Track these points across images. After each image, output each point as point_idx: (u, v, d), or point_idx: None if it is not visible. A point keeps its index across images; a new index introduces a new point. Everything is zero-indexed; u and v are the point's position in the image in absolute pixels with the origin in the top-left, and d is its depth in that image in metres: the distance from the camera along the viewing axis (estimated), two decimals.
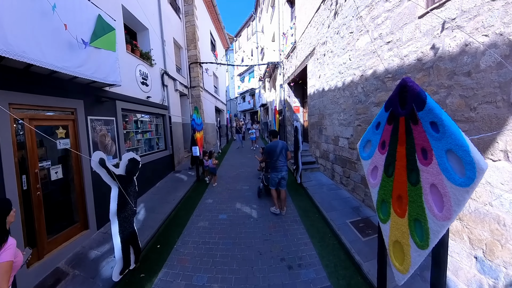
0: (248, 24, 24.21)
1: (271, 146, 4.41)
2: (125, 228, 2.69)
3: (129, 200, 2.75)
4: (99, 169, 2.44)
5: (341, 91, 5.17)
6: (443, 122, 1.15)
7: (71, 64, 3.11)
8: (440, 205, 1.21)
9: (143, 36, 6.51)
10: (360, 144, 1.96)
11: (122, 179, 2.68)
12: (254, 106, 26.36)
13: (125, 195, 2.68)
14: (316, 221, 4.16)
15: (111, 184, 2.60)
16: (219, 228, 4.04)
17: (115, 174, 2.57)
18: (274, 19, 13.13)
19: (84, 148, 3.91)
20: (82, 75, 3.29)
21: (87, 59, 3.36)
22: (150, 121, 6.80)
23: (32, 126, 3.17)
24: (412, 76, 2.96)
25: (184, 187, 6.10)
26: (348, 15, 4.68)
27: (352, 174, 4.92)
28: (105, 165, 2.45)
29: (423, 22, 2.84)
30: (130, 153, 2.83)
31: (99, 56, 3.60)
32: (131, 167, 2.78)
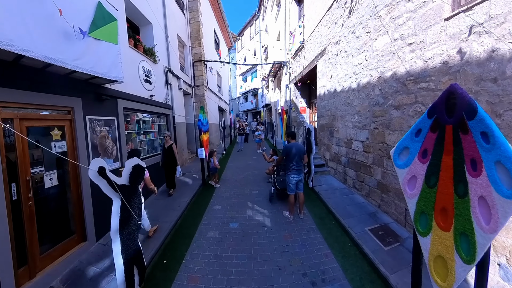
0: (251, 23, 23.90)
1: (290, 147, 4.19)
2: (128, 246, 2.31)
3: (133, 214, 2.37)
4: (99, 180, 2.07)
5: (356, 92, 4.96)
6: (494, 133, 1.14)
7: (67, 56, 2.74)
8: (487, 218, 1.20)
9: (147, 31, 6.14)
10: (395, 151, 1.84)
11: (125, 189, 2.31)
12: (256, 106, 26.06)
13: (128, 209, 2.30)
14: (334, 229, 3.90)
15: (112, 197, 2.23)
16: (231, 239, 3.67)
17: (117, 185, 2.20)
18: (279, 18, 12.84)
19: (82, 151, 3.55)
20: (80, 69, 2.92)
21: (85, 51, 2.99)
22: (153, 121, 6.43)
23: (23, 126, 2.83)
24: (437, 80, 2.89)
25: (189, 192, 5.72)
26: (365, 14, 4.47)
27: (367, 178, 4.69)
28: (105, 175, 2.08)
29: (449, 25, 2.74)
30: (134, 158, 2.45)
31: (99, 49, 3.23)
32: (136, 175, 2.41)
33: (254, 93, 26.33)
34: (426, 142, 1.57)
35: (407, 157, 1.74)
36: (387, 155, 3.98)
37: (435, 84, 2.96)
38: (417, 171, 1.65)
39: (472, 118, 1.21)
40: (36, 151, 3.03)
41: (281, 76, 13.33)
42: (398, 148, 1.80)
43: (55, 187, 3.17)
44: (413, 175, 1.68)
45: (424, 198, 1.60)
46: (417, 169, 1.65)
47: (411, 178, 1.70)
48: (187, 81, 9.11)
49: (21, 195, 2.66)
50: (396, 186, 3.79)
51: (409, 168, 1.71)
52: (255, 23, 22.90)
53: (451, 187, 1.40)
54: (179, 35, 8.27)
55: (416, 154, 1.65)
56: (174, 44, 7.59)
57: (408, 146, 1.73)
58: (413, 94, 3.31)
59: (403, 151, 1.78)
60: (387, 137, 3.96)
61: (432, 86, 3.00)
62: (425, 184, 1.58)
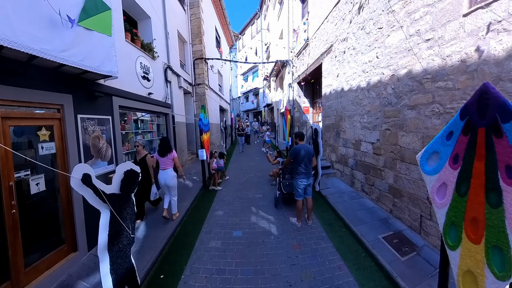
0: (253, 22, 23.66)
1: (298, 149, 3.92)
2: (119, 265, 2.01)
3: (125, 227, 2.07)
4: (83, 189, 1.78)
5: (365, 91, 4.74)
6: None
7: (53, 47, 2.45)
8: None
9: (145, 26, 5.84)
10: (423, 155, 1.69)
11: (116, 199, 2.00)
12: (257, 106, 25.79)
13: (119, 221, 2.00)
14: (345, 237, 3.65)
15: (99, 208, 1.93)
16: (234, 250, 3.37)
17: (106, 194, 1.89)
18: (282, 16, 12.57)
19: (73, 153, 3.25)
20: (68, 62, 2.62)
21: (74, 42, 2.68)
22: (151, 121, 6.13)
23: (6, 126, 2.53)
24: (455, 79, 2.75)
25: (189, 195, 5.42)
26: (376, 9, 4.24)
27: (377, 182, 4.45)
28: (91, 184, 1.78)
29: (467, 21, 2.61)
30: (126, 163, 2.15)
31: (91, 40, 2.92)
32: (128, 181, 2.10)
33: (255, 92, 26.06)
34: (458, 146, 1.46)
35: (436, 163, 1.59)
36: (400, 158, 3.74)
37: (453, 83, 2.78)
38: (447, 178, 1.51)
39: (508, 121, 1.11)
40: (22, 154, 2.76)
41: (284, 75, 13.04)
42: (426, 153, 1.65)
43: (42, 193, 2.87)
44: (443, 183, 1.53)
45: (454, 208, 1.47)
46: (447, 176, 1.51)
47: (441, 186, 1.55)
48: (188, 79, 8.81)
49: (3, 203, 2.37)
50: (410, 191, 3.56)
51: (438, 175, 1.57)
52: (256, 22, 22.65)
53: (482, 196, 1.30)
54: (179, 31, 7.96)
55: (447, 160, 1.52)
56: (174, 40, 7.28)
57: (438, 151, 1.59)
58: (430, 93, 3.11)
59: (432, 156, 1.63)
60: (400, 139, 3.73)
61: (450, 85, 2.82)
62: (455, 193, 1.45)
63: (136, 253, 3.25)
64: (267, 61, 14.89)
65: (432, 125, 3.09)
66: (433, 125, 3.07)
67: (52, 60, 2.46)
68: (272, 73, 14.64)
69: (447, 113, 2.86)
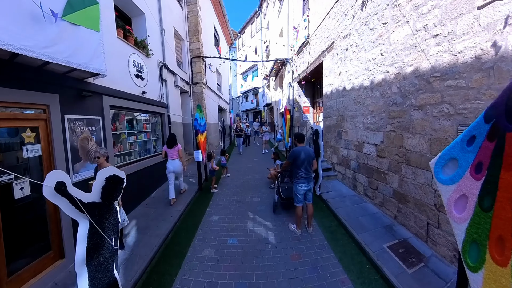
0: (252, 21, 23.45)
1: (298, 152, 3.69)
2: (99, 280, 1.82)
3: (106, 238, 1.88)
4: (57, 199, 1.60)
5: (369, 90, 4.53)
6: None
7: (34, 43, 2.27)
8: None
9: (139, 22, 5.63)
10: (438, 162, 1.53)
11: (96, 208, 1.82)
12: (257, 106, 25.60)
13: (99, 232, 1.82)
14: (348, 246, 3.43)
15: (77, 219, 1.75)
16: (229, 260, 3.17)
17: (84, 203, 1.71)
18: (282, 14, 12.38)
19: (59, 155, 3.07)
20: (52, 59, 2.43)
21: (58, 38, 2.49)
22: (146, 121, 5.93)
23: None
24: (468, 77, 2.55)
25: (184, 199, 5.23)
26: (381, 3, 4.04)
27: (381, 186, 4.24)
28: (66, 193, 1.60)
29: (483, 14, 2.40)
30: (109, 168, 1.96)
31: (77, 36, 2.73)
32: (110, 188, 1.92)
33: (255, 92, 25.86)
34: (481, 153, 1.30)
35: (454, 171, 1.43)
36: (405, 161, 3.55)
37: (466, 82, 2.57)
38: (468, 189, 1.35)
39: None
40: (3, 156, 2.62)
41: (284, 74, 12.84)
42: (442, 159, 1.48)
43: (27, 198, 2.69)
44: (463, 194, 1.38)
45: (476, 224, 1.32)
46: (468, 186, 1.36)
47: (460, 198, 1.40)
48: (185, 78, 8.61)
49: None
50: (416, 197, 3.37)
51: (457, 185, 1.40)
52: (256, 21, 22.44)
53: (510, 211, 1.15)
54: (175, 28, 7.76)
55: (468, 168, 1.35)
56: (170, 38, 7.08)
57: (456, 157, 1.42)
58: (439, 93, 2.92)
59: (448, 162, 1.47)
60: (406, 141, 3.54)
61: (463, 84, 2.61)
62: (478, 207, 1.30)
63: (125, 261, 3.07)
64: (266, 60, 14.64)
65: (441, 126, 2.89)
66: (442, 127, 2.87)
67: (33, 57, 2.28)
68: (272, 72, 14.43)
69: (459, 114, 2.66)
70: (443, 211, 2.85)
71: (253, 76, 25.67)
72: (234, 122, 13.47)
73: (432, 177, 2.97)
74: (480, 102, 2.43)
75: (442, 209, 2.86)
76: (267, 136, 11.74)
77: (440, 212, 2.91)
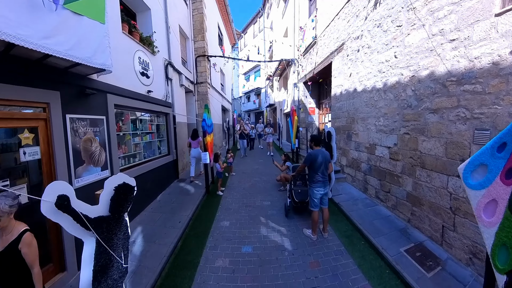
0: (255, 21, 23.31)
1: (315, 155, 3.57)
2: None
3: (116, 257, 1.63)
4: (58, 216, 1.35)
5: (382, 92, 4.49)
6: None
7: (32, 33, 2.02)
8: None
9: (144, 18, 5.40)
10: (467, 168, 1.54)
11: (104, 223, 1.57)
12: (259, 106, 25.40)
13: (108, 251, 1.56)
14: (365, 251, 3.34)
15: (82, 238, 1.50)
16: (245, 270, 2.93)
17: (90, 219, 1.46)
18: (287, 14, 12.20)
19: (60, 158, 2.83)
20: (51, 51, 2.18)
21: (59, 28, 2.25)
22: (151, 121, 5.68)
23: None
24: (484, 82, 2.57)
25: (192, 203, 4.98)
26: (395, 6, 4.02)
27: (394, 188, 4.19)
28: (69, 208, 1.35)
29: (501, 21, 2.42)
30: (118, 175, 1.71)
31: (80, 27, 2.48)
32: (120, 199, 1.66)
33: (257, 92, 25.67)
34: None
35: (484, 176, 1.45)
36: (420, 164, 3.52)
37: (483, 87, 2.58)
38: (498, 194, 1.38)
39: None
40: None
41: (288, 75, 12.62)
42: (471, 165, 1.50)
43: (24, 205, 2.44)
44: (493, 199, 1.41)
45: (506, 229, 1.36)
46: (498, 192, 1.39)
47: (489, 203, 1.43)
48: (189, 77, 8.37)
49: None
50: (431, 200, 3.34)
51: (487, 190, 1.43)
52: (259, 21, 22.30)
53: None
54: (180, 26, 7.52)
55: (498, 174, 1.38)
56: (175, 35, 6.84)
57: (486, 163, 1.45)
58: (455, 97, 2.93)
59: (478, 168, 1.49)
60: (420, 144, 3.51)
61: (479, 89, 2.62)
62: (508, 211, 1.34)
63: (132, 274, 2.82)
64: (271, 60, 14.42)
65: (457, 130, 2.88)
66: (458, 131, 2.87)
67: (30, 48, 2.03)
68: (276, 72, 14.22)
69: (475, 119, 2.66)
70: (458, 214, 2.87)
71: (256, 76, 25.50)
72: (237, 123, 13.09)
73: (447, 180, 3.03)
74: (498, 107, 2.44)
75: (458, 212, 2.87)
76: (270, 138, 11.34)
77: (456, 215, 2.90)
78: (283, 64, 11.65)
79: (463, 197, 2.78)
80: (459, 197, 2.85)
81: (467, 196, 2.70)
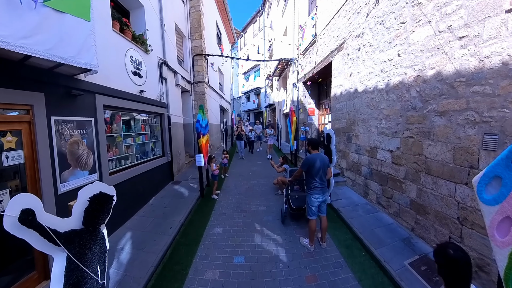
0: (255, 20, 23.12)
1: (313, 160, 3.38)
2: None
3: (90, 273, 1.49)
4: (22, 232, 1.22)
5: (384, 93, 4.32)
6: None
7: (9, 33, 1.92)
8: None
9: (137, 16, 5.24)
10: (481, 180, 1.41)
11: (76, 237, 1.44)
12: (259, 106, 25.24)
13: (81, 268, 1.42)
14: (366, 264, 3.14)
15: (51, 254, 1.38)
16: (235, 284, 2.78)
17: (60, 234, 1.34)
18: (287, 12, 12.05)
19: (44, 163, 2.72)
20: (31, 52, 2.06)
21: (39, 26, 2.13)
22: (144, 122, 5.53)
23: None
24: (494, 84, 2.43)
25: (184, 207, 4.83)
26: (399, 1, 3.83)
27: (396, 195, 4.01)
28: (35, 223, 1.22)
29: (511, 18, 2.27)
30: (94, 184, 1.57)
31: (62, 25, 2.35)
32: (95, 210, 1.52)
33: (257, 92, 25.49)
34: None
35: (498, 190, 1.33)
36: (425, 170, 3.34)
37: (493, 89, 2.44)
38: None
39: None
40: None
41: (288, 75, 12.47)
42: (485, 177, 1.39)
43: None
44: (506, 216, 1.29)
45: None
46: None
47: (503, 220, 1.30)
48: (186, 77, 8.21)
49: None
50: (437, 208, 3.16)
51: (500, 206, 1.30)
52: (259, 20, 22.12)
53: None
54: (177, 24, 7.36)
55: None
56: (171, 34, 6.68)
57: (500, 175, 1.33)
58: (464, 98, 2.76)
59: (492, 181, 1.36)
60: (426, 148, 3.33)
61: (489, 90, 2.47)
62: None
63: (117, 284, 2.68)
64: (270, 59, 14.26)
65: (466, 135, 2.72)
66: (467, 135, 2.70)
67: (7, 49, 1.90)
68: (275, 72, 14.06)
69: (484, 122, 2.51)
70: (466, 224, 2.73)
71: (255, 76, 25.31)
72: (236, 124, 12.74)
73: (455, 188, 2.86)
74: (506, 110, 2.31)
75: (465, 222, 2.74)
76: (272, 140, 10.88)
77: (463, 226, 2.77)
78: (283, 63, 11.48)
79: (471, 206, 2.64)
80: (467, 207, 2.70)
81: (475, 206, 2.59)
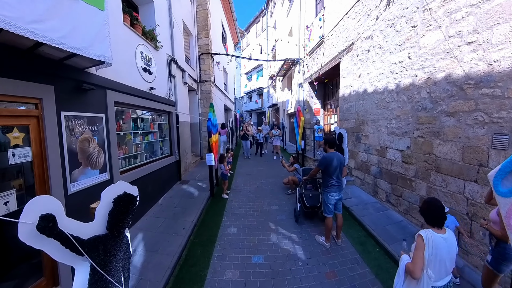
0: (258, 20, 23.08)
1: (330, 159, 3.39)
2: None
3: (115, 283, 1.34)
4: (42, 242, 1.07)
5: (394, 94, 4.39)
6: None
7: (19, 15, 1.74)
8: None
9: (147, 11, 5.12)
10: (498, 174, 1.51)
11: (100, 243, 1.28)
12: (261, 106, 25.14)
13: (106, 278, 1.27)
14: (381, 259, 3.20)
15: (73, 265, 1.22)
16: (257, 284, 2.68)
17: (83, 242, 1.18)
18: (292, 13, 11.95)
19: (54, 160, 2.55)
20: (42, 38, 1.90)
21: (51, 11, 1.97)
22: (152, 120, 5.41)
23: None
24: (504, 86, 2.54)
25: (196, 207, 4.69)
26: (410, 6, 3.93)
27: (406, 193, 4.10)
28: (55, 231, 1.07)
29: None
30: (118, 183, 1.43)
31: (75, 12, 2.20)
32: (120, 212, 1.37)
33: (259, 92, 25.41)
34: None
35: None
36: (435, 168, 3.45)
37: (502, 91, 2.53)
38: None
39: None
40: None
41: (293, 75, 12.35)
42: (502, 171, 1.51)
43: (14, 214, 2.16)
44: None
45: None
46: None
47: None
48: (192, 75, 8.09)
49: None
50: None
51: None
52: (262, 20, 22.07)
53: None
54: (184, 22, 7.25)
55: None
56: (178, 31, 6.57)
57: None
58: (472, 100, 2.88)
59: (508, 175, 1.49)
60: (436, 148, 3.44)
61: (498, 93, 2.57)
62: None
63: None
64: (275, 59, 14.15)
65: (475, 135, 2.83)
66: (476, 135, 2.81)
67: (17, 33, 1.75)
68: (280, 72, 13.94)
69: (494, 123, 2.61)
70: (475, 220, 2.82)
71: (258, 76, 25.25)
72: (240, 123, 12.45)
73: (464, 186, 2.97)
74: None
75: (475, 218, 2.82)
76: (277, 141, 10.49)
77: (473, 221, 2.85)
78: (288, 63, 11.38)
79: (481, 202, 2.71)
80: (476, 203, 2.78)
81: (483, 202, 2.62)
